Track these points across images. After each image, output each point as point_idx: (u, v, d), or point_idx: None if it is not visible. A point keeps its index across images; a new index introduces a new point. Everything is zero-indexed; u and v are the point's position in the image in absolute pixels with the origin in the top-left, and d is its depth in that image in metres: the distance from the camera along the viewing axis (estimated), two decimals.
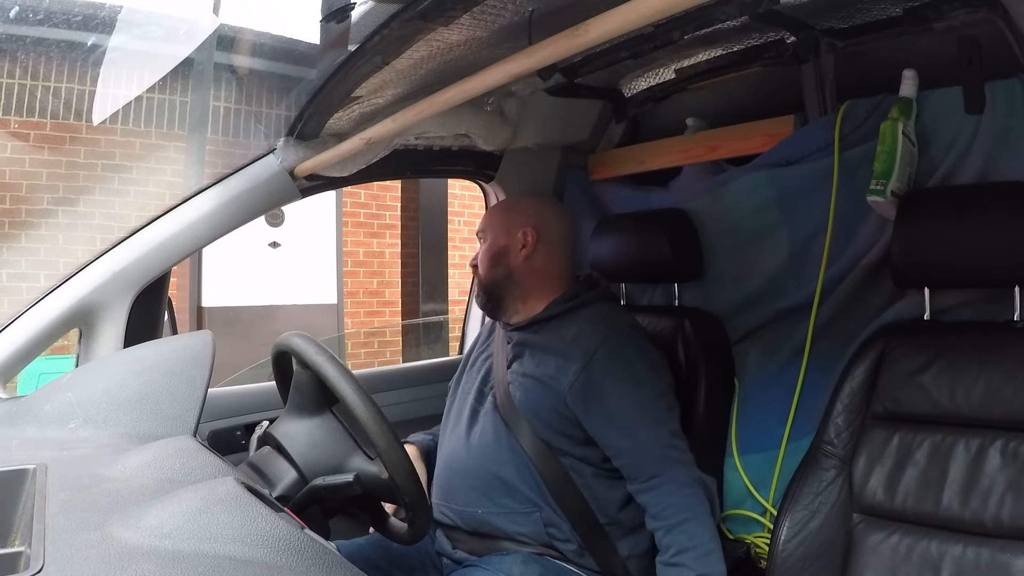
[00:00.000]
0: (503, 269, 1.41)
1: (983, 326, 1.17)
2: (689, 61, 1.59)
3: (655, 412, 1.26)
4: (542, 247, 1.41)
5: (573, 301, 1.37)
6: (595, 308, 1.37)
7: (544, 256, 1.41)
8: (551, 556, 1.29)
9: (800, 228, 1.48)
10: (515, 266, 1.40)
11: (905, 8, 1.26)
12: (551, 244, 1.42)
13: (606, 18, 0.78)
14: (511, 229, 1.42)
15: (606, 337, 1.30)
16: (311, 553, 0.59)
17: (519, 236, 1.41)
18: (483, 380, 1.43)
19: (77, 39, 3.71)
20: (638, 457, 1.24)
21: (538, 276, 1.41)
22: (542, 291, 1.41)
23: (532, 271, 1.40)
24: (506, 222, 1.44)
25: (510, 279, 1.40)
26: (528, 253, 1.40)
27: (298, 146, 1.40)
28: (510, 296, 1.41)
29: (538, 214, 1.44)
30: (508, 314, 1.43)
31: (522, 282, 1.40)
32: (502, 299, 1.42)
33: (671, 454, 1.24)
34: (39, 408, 0.92)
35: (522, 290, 1.40)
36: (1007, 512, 1.01)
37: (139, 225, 1.35)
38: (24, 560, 0.58)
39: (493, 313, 1.46)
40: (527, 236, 1.40)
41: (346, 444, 1.04)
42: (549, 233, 1.42)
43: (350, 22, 1.02)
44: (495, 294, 1.42)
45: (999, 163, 1.23)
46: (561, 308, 1.37)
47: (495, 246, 1.42)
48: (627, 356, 1.30)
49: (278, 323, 4.82)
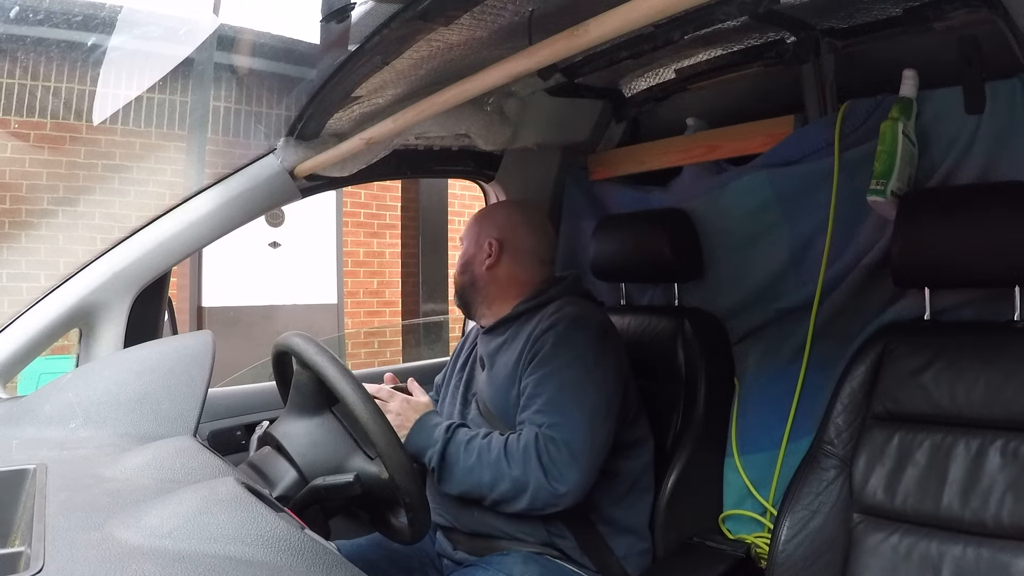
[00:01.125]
0: (468, 276, 1.46)
1: (983, 326, 1.17)
2: (689, 61, 1.59)
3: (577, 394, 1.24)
4: (506, 258, 1.43)
5: (537, 299, 1.39)
6: (559, 302, 1.38)
7: (507, 266, 1.43)
8: (551, 555, 1.29)
9: (800, 228, 1.48)
10: (478, 274, 1.44)
11: (905, 8, 1.26)
12: (515, 254, 1.44)
13: (606, 18, 0.78)
14: (479, 238, 1.46)
15: (557, 321, 1.32)
16: (311, 553, 0.59)
17: (485, 246, 1.45)
18: (466, 386, 1.47)
19: (77, 39, 3.70)
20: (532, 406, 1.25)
21: (500, 285, 1.44)
22: (507, 297, 1.43)
23: (495, 280, 1.44)
24: (477, 231, 1.48)
25: (474, 286, 1.45)
26: (491, 263, 1.43)
27: (298, 146, 1.40)
28: (475, 302, 1.46)
29: (504, 225, 1.46)
30: (477, 317, 1.48)
31: (484, 289, 1.44)
32: (470, 304, 1.47)
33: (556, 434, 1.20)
34: (39, 408, 0.92)
35: (485, 296, 1.45)
36: (1007, 512, 1.01)
37: (139, 225, 1.35)
38: (24, 560, 0.58)
39: (467, 315, 1.53)
40: (491, 247, 1.44)
41: (346, 444, 1.04)
42: (514, 244, 1.44)
43: (350, 22, 1.02)
44: (463, 299, 1.48)
45: (999, 163, 1.23)
46: (526, 306, 1.39)
47: (465, 254, 1.48)
48: (574, 340, 1.29)
49: (278, 323, 4.82)
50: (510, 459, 1.20)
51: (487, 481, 1.21)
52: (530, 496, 1.19)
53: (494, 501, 1.22)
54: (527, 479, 1.18)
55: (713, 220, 1.60)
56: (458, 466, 1.23)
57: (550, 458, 1.18)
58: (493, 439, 1.24)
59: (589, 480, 1.21)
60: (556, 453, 1.18)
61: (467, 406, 1.43)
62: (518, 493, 1.19)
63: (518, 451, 1.20)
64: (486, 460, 1.21)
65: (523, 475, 1.19)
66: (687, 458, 1.42)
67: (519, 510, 1.21)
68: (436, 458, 1.24)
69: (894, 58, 1.34)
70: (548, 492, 1.18)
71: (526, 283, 1.43)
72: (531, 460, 1.19)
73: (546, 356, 1.28)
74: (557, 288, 1.41)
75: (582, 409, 1.22)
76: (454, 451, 1.24)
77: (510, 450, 1.21)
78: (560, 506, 1.20)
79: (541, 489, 1.18)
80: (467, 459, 1.23)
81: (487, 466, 1.21)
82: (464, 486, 1.24)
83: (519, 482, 1.19)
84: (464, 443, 1.24)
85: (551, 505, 1.19)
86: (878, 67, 1.38)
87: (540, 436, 1.20)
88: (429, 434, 1.26)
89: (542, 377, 1.26)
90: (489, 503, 1.23)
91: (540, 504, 1.19)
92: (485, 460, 1.21)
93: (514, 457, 1.20)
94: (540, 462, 1.18)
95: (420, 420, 1.28)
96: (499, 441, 1.23)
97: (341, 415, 1.06)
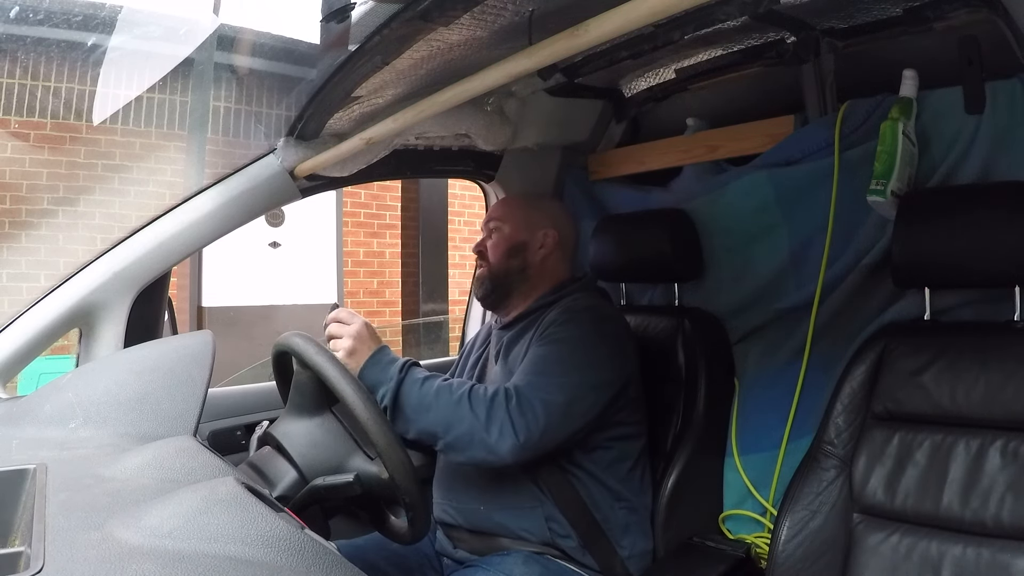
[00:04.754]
0: (519, 262, 1.43)
1: (983, 326, 1.17)
2: (689, 61, 1.59)
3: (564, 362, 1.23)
4: (557, 251, 1.46)
5: (556, 294, 1.41)
6: (576, 296, 1.40)
7: (556, 260, 1.46)
8: (552, 555, 1.29)
9: (800, 228, 1.48)
10: (531, 262, 1.44)
11: (905, 8, 1.26)
12: (564, 249, 1.48)
13: (606, 18, 0.78)
14: (533, 227, 1.45)
15: (569, 307, 1.33)
16: (311, 553, 0.59)
17: (540, 235, 1.44)
18: (478, 381, 1.45)
19: (77, 39, 3.71)
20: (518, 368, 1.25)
21: (543, 276, 1.44)
22: (541, 288, 1.44)
23: (544, 271, 1.44)
24: (528, 218, 1.46)
25: (523, 273, 1.43)
26: (545, 254, 1.44)
27: (298, 146, 1.40)
28: (514, 291, 1.44)
29: (558, 218, 1.49)
30: (508, 308, 1.45)
31: (532, 279, 1.44)
32: (508, 292, 1.44)
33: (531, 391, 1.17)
34: (39, 408, 0.92)
35: (529, 286, 1.44)
36: (1007, 512, 1.01)
37: (139, 225, 1.35)
38: (24, 560, 0.58)
39: (494, 305, 1.48)
40: (547, 237, 1.45)
41: (346, 444, 1.04)
42: (566, 239, 1.48)
43: (350, 22, 1.02)
44: (504, 285, 1.44)
45: (999, 163, 1.23)
46: (546, 300, 1.40)
47: (513, 238, 1.44)
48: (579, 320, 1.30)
49: (278, 323, 4.82)
50: (474, 404, 1.16)
51: (443, 421, 1.16)
52: (488, 444, 1.14)
53: (447, 444, 1.17)
54: (489, 426, 1.14)
55: (713, 220, 1.60)
56: (412, 404, 1.17)
57: (519, 408, 1.15)
58: (455, 383, 1.20)
59: (550, 443, 1.18)
60: (527, 408, 1.15)
61: None
62: (475, 439, 1.14)
63: (484, 397, 1.16)
64: (445, 400, 1.16)
65: (486, 421, 1.14)
66: (687, 458, 1.42)
67: (470, 457, 1.17)
68: (390, 396, 1.18)
69: (894, 58, 1.34)
70: (511, 443, 1.13)
71: (559, 278, 1.46)
72: (498, 408, 1.15)
73: (549, 333, 1.29)
74: (574, 285, 1.44)
75: (566, 379, 1.20)
76: (408, 387, 1.18)
77: (475, 395, 1.17)
78: (512, 459, 1.15)
79: (503, 438, 1.13)
80: (423, 396, 1.17)
81: (447, 406, 1.16)
82: (419, 425, 1.17)
83: (478, 427, 1.14)
84: (420, 381, 1.19)
85: (505, 456, 1.14)
86: (878, 67, 1.38)
87: (514, 389, 1.17)
88: (384, 370, 1.20)
89: (538, 347, 1.27)
90: (441, 446, 1.18)
91: (496, 454, 1.14)
92: (444, 400, 1.16)
93: (479, 402, 1.16)
94: (507, 409, 1.15)
95: (374, 354, 1.21)
96: (464, 385, 1.19)
97: (341, 415, 1.06)
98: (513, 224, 1.46)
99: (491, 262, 1.45)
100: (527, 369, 1.24)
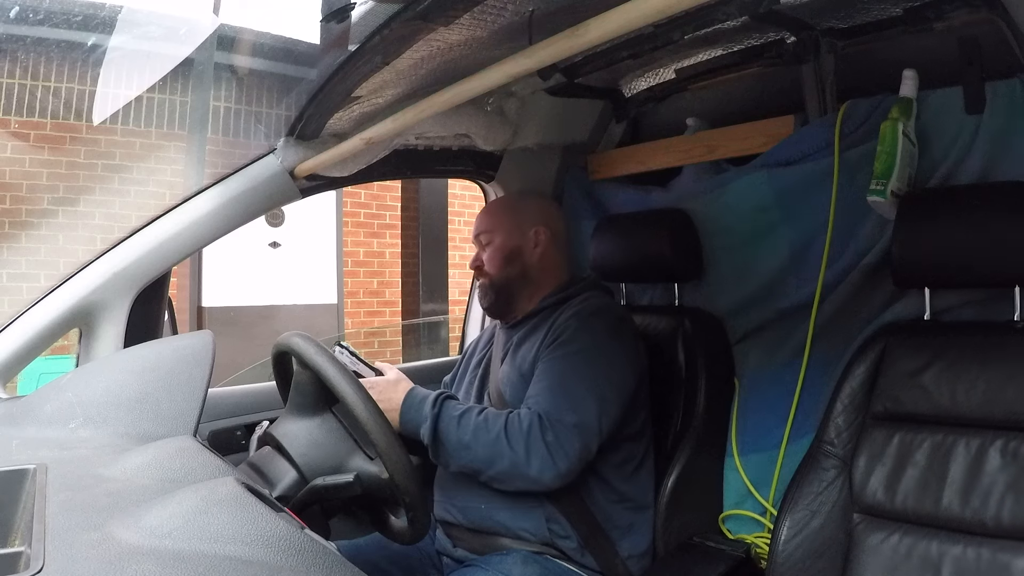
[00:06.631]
0: (518, 267, 1.44)
1: (983, 326, 1.17)
2: (689, 61, 1.60)
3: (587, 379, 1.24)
4: (552, 246, 1.46)
5: (562, 293, 1.41)
6: (584, 295, 1.41)
7: (553, 253, 1.47)
8: (551, 555, 1.29)
9: (800, 228, 1.48)
10: (530, 263, 1.44)
11: (905, 8, 1.27)
12: (558, 241, 1.48)
13: (606, 18, 0.78)
14: (523, 228, 1.45)
15: (581, 309, 1.34)
16: (311, 553, 0.59)
17: (531, 235, 1.45)
18: (481, 381, 1.46)
19: (77, 39, 3.71)
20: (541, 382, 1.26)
21: (546, 272, 1.46)
22: (547, 285, 1.45)
23: (544, 268, 1.45)
24: (516, 221, 1.46)
25: (525, 276, 1.44)
26: (542, 252, 1.45)
27: (298, 146, 1.40)
28: (520, 295, 1.45)
29: (545, 213, 1.50)
30: (515, 312, 1.45)
31: (534, 279, 1.45)
32: (513, 298, 1.45)
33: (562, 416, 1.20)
34: (39, 408, 0.92)
35: (533, 287, 1.45)
36: (1007, 512, 1.01)
37: (139, 225, 1.35)
38: (24, 560, 0.58)
39: (500, 313, 1.48)
40: (539, 235, 1.45)
41: (346, 444, 1.04)
42: (557, 231, 1.48)
43: (350, 22, 1.02)
44: (507, 293, 1.44)
45: (999, 163, 1.23)
46: (552, 300, 1.40)
47: (507, 246, 1.44)
48: (594, 327, 1.31)
49: (278, 323, 4.82)
50: (511, 439, 1.19)
51: (484, 459, 1.20)
52: (530, 477, 1.18)
53: (491, 478, 1.22)
54: (529, 460, 1.18)
55: (713, 220, 1.60)
56: (451, 442, 1.22)
57: (555, 438, 1.18)
58: (489, 415, 1.23)
59: (587, 459, 1.23)
60: (564, 437, 1.19)
61: (480, 401, 1.43)
62: (517, 472, 1.19)
63: (521, 431, 1.19)
64: (483, 439, 1.20)
65: (525, 456, 1.18)
66: (687, 458, 1.42)
67: (515, 488, 1.22)
68: (428, 434, 1.22)
69: (894, 58, 1.34)
70: (552, 473, 1.18)
71: (562, 271, 1.47)
72: (535, 440, 1.18)
73: (565, 340, 1.29)
74: (579, 285, 1.44)
75: (591, 393, 1.23)
76: (445, 426, 1.22)
77: (511, 429, 1.20)
78: (556, 486, 1.20)
79: (545, 470, 1.18)
80: (462, 435, 1.21)
81: (485, 445, 1.20)
82: (461, 461, 1.22)
83: (519, 462, 1.18)
84: (457, 418, 1.22)
85: (549, 485, 1.20)
86: (878, 67, 1.38)
87: (544, 417, 1.20)
88: (419, 410, 1.24)
89: (556, 359, 1.27)
90: (485, 479, 1.23)
91: (540, 484, 1.19)
92: (483, 438, 1.20)
93: (516, 437, 1.19)
94: (544, 441, 1.18)
95: (408, 398, 1.25)
96: (498, 419, 1.21)
97: (341, 415, 1.06)
98: (503, 231, 1.46)
99: (491, 274, 1.45)
100: (553, 388, 1.24)
